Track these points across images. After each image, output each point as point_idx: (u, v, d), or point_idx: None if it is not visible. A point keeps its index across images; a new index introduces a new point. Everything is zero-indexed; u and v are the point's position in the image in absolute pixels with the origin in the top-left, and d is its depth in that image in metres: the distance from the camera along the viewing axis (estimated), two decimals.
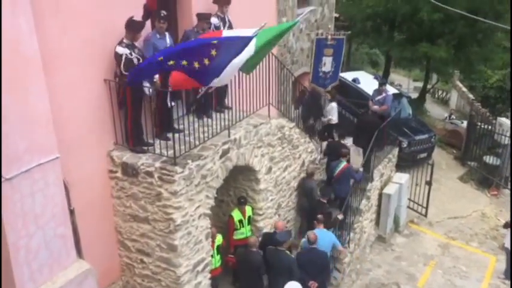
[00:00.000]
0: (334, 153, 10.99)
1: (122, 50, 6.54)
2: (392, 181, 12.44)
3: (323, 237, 8.52)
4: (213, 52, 6.08)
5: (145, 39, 6.99)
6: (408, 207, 13.17)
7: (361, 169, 10.69)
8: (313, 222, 9.04)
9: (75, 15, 6.09)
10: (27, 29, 5.28)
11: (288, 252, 8.01)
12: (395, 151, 12.97)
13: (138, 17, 6.71)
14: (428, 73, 22.13)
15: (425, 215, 13.16)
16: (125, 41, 6.61)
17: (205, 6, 8.23)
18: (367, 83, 14.90)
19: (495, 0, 16.63)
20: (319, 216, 9.00)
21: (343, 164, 10.48)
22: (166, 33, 7.19)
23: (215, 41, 6.14)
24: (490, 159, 15.56)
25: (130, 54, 6.59)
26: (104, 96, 6.70)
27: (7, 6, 5.04)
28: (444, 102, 25.57)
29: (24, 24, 5.24)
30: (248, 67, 7.17)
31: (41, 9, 5.56)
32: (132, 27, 6.57)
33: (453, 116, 19.63)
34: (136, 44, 6.77)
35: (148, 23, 7.01)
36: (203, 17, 7.82)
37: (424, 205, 13.07)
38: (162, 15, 7.02)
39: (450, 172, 16.01)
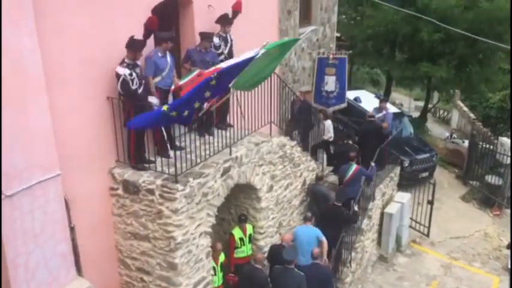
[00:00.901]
0: (342, 156, 11.08)
1: (122, 71, 6.59)
2: (394, 200, 12.38)
3: (308, 233, 8.80)
4: (213, 82, 6.21)
5: (147, 57, 7.05)
6: (410, 226, 13.07)
7: (373, 164, 10.78)
8: (327, 227, 9.14)
9: (78, 34, 6.15)
10: (30, 47, 5.34)
11: (296, 269, 7.80)
12: (397, 170, 12.94)
13: (139, 35, 6.78)
14: (430, 92, 22.19)
15: (428, 235, 13.06)
16: (126, 60, 6.66)
17: (208, 25, 8.30)
18: (369, 102, 14.93)
19: (495, 21, 16.76)
20: (308, 214, 9.26)
21: (354, 167, 10.56)
22: (167, 52, 7.25)
23: (213, 81, 6.24)
24: (492, 179, 15.50)
25: (130, 74, 6.64)
26: (106, 113, 6.73)
27: (12, 24, 5.10)
28: (445, 121, 25.59)
29: (28, 43, 5.31)
30: (250, 85, 7.21)
31: (44, 28, 5.61)
32: (133, 46, 6.63)
33: (454, 136, 19.63)
34: (138, 62, 6.83)
35: (149, 41, 7.07)
36: (206, 36, 7.90)
37: (426, 225, 12.97)
38: (169, 36, 7.15)
39: (452, 191, 15.94)
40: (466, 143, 17.47)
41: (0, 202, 5.16)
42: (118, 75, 6.59)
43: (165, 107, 6.09)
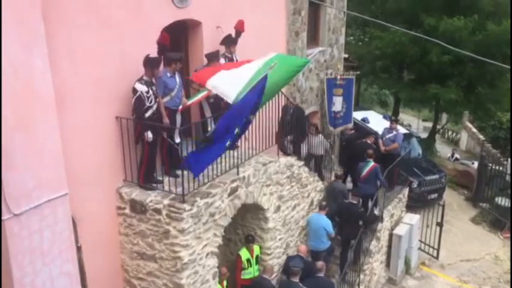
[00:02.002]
0: (360, 154, 11.07)
1: (140, 87, 6.69)
2: (402, 222, 12.26)
3: (319, 221, 9.48)
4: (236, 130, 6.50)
5: (158, 77, 7.13)
6: (419, 249, 12.92)
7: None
8: (344, 223, 9.55)
9: (88, 55, 6.25)
10: (42, 67, 5.42)
11: (300, 284, 7.95)
12: (406, 191, 12.85)
13: (151, 53, 6.87)
14: (438, 113, 22.16)
15: (437, 257, 12.89)
16: (144, 78, 6.77)
17: (217, 46, 8.40)
18: (377, 122, 14.92)
19: (502, 43, 16.79)
20: (323, 203, 9.79)
21: (370, 164, 10.72)
22: (176, 73, 7.34)
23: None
24: (501, 201, 15.32)
25: (147, 92, 6.73)
26: (115, 133, 6.78)
27: (24, 46, 5.20)
28: (454, 142, 25.48)
29: (40, 63, 5.39)
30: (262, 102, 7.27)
31: (55, 48, 5.71)
32: (150, 63, 6.74)
33: (456, 155, 19.51)
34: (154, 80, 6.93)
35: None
36: (213, 56, 7.98)
37: (436, 247, 12.81)
38: (178, 56, 7.28)
39: (461, 213, 15.76)
40: (476, 164, 17.33)
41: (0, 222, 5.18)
42: (135, 91, 6.69)
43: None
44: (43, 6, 5.38)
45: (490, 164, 16.27)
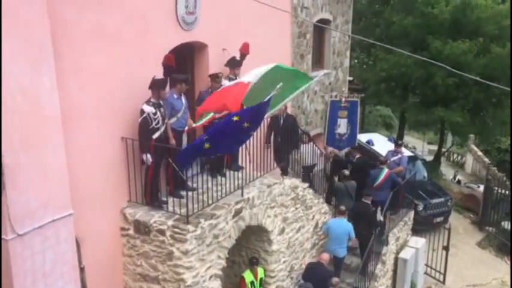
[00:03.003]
0: (362, 170, 11.06)
1: (148, 109, 6.74)
2: (408, 245, 12.11)
3: (341, 226, 9.49)
4: (246, 124, 6.38)
5: (166, 98, 7.18)
6: (425, 273, 12.74)
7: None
8: (361, 223, 9.59)
9: (95, 75, 6.30)
10: (49, 86, 5.47)
11: None
12: (411, 214, 12.73)
13: (157, 75, 6.93)
14: (443, 136, 22.12)
15: (444, 282, 12.70)
16: (152, 100, 6.82)
17: (222, 67, 8.48)
18: (381, 144, 14.90)
19: (507, 66, 16.86)
20: (342, 207, 9.75)
21: (385, 171, 10.84)
22: (182, 94, 7.39)
23: (236, 117, 6.38)
24: (508, 225, 15.16)
25: (155, 113, 6.76)
26: (120, 153, 6.80)
27: (32, 65, 5.25)
28: (460, 165, 25.38)
29: (47, 82, 5.44)
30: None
31: (63, 68, 5.76)
32: (156, 85, 6.80)
33: (458, 177, 19.38)
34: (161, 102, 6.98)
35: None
36: (214, 77, 8.04)
37: (442, 271, 12.64)
38: (184, 78, 7.36)
39: (468, 237, 15.59)
40: (481, 187, 17.21)
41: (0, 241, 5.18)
42: (142, 112, 6.73)
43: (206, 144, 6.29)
44: (52, 26, 5.45)
45: (496, 188, 16.14)
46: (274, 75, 7.20)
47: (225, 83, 8.39)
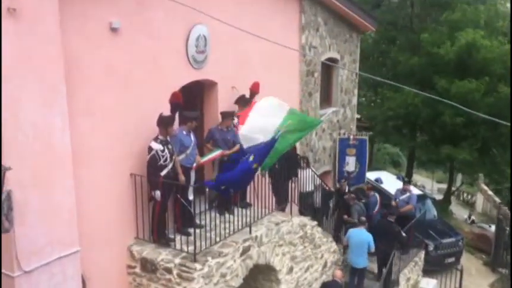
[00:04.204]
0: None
1: (156, 146, 6.77)
2: (419, 286, 11.85)
3: (361, 237, 9.72)
4: (255, 165, 6.88)
5: (173, 135, 7.23)
6: None
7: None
8: (383, 240, 9.84)
9: (106, 114, 6.39)
10: (61, 126, 5.54)
11: None
12: (422, 254, 12.49)
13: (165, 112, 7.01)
14: (453, 175, 21.94)
15: None
16: (159, 137, 6.85)
17: (232, 105, 8.57)
18: (390, 183, 14.80)
19: None
20: (362, 218, 10.13)
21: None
22: (191, 131, 7.45)
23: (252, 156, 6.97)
24: None
25: (162, 150, 6.80)
26: (128, 190, 6.80)
27: (45, 105, 5.35)
28: (470, 205, 25.07)
29: (59, 122, 5.52)
30: (269, 163, 7.37)
31: (74, 107, 5.84)
32: (163, 122, 6.85)
33: (473, 217, 19.11)
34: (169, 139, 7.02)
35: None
36: (227, 115, 8.10)
37: None
38: (195, 115, 7.47)
39: (480, 278, 15.20)
40: (493, 227, 16.92)
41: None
42: (150, 150, 6.76)
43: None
44: (65, 66, 5.57)
45: (508, 228, 15.85)
46: (288, 121, 7.41)
47: (235, 120, 8.48)
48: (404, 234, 10.40)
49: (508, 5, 22.27)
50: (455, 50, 17.49)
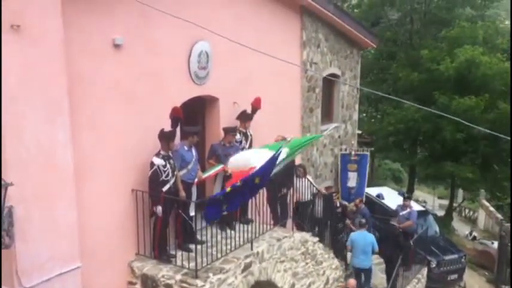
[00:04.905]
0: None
1: (158, 161, 6.77)
2: None
3: (364, 238, 10.02)
4: (257, 180, 6.79)
5: (174, 150, 7.23)
6: None
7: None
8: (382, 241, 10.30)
9: (108, 128, 6.39)
10: (63, 141, 5.55)
11: None
12: (424, 271, 12.40)
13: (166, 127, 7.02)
14: (454, 191, 21.87)
15: None
16: (161, 152, 6.85)
17: (233, 120, 8.59)
18: (391, 198, 14.74)
19: None
20: (362, 220, 10.38)
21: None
22: (192, 146, 7.45)
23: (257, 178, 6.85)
24: None
25: (164, 166, 6.79)
26: (130, 206, 6.77)
27: (48, 120, 5.36)
28: (472, 221, 24.94)
29: (62, 137, 5.53)
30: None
31: (77, 122, 5.85)
32: (165, 137, 6.85)
33: (474, 234, 19.00)
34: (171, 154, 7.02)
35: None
36: (230, 130, 8.12)
37: None
38: (196, 130, 7.48)
39: None
40: (495, 244, 16.81)
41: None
42: (152, 165, 6.75)
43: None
44: (68, 82, 5.60)
45: (510, 244, 15.75)
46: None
47: (237, 136, 8.48)
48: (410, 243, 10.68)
49: (507, 22, 22.48)
50: (455, 67, 17.56)
